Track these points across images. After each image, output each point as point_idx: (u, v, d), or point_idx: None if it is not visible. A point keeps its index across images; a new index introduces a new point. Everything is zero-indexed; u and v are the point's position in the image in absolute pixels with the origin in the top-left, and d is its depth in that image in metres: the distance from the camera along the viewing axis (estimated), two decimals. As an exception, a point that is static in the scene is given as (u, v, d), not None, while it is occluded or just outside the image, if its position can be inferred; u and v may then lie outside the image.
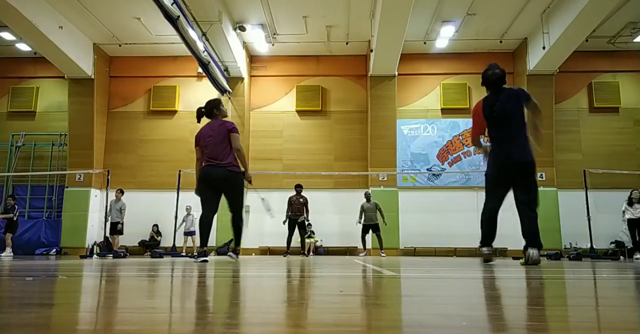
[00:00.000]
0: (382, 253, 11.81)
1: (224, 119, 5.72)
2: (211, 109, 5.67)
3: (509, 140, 4.52)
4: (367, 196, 12.09)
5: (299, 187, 11.50)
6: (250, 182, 5.64)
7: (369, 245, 12.18)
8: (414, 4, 10.12)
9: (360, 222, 11.98)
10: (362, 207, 12.01)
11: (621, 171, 11.61)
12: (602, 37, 13.09)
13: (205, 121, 5.78)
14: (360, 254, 11.76)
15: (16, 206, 12.23)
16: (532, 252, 4.47)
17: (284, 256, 10.55)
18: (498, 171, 4.58)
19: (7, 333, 0.93)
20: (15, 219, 11.97)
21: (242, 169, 5.53)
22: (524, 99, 4.64)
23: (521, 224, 4.49)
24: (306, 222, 11.41)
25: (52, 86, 14.67)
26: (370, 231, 11.99)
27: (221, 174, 5.40)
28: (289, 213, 11.33)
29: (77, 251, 12.66)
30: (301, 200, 11.38)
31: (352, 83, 14.48)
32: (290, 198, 11.46)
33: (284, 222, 11.33)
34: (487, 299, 1.67)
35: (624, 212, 10.84)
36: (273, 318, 1.17)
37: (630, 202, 10.57)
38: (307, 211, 11.40)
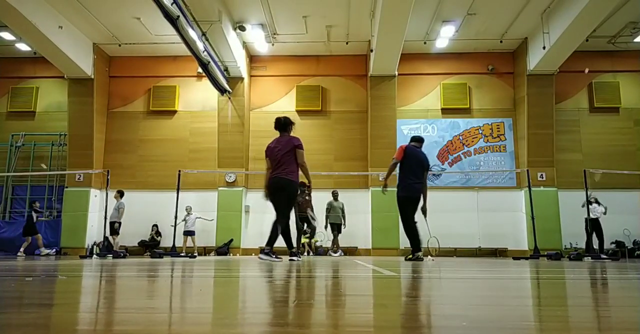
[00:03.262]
0: (333, 253, 11.63)
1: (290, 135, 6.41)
2: (287, 125, 6.38)
3: (418, 181, 6.66)
4: (335, 195, 12.05)
5: (302, 186, 11.41)
6: (309, 194, 6.13)
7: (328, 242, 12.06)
8: (414, 4, 10.11)
9: (326, 225, 11.86)
10: (329, 205, 11.94)
11: (621, 171, 11.60)
12: (602, 37, 13.08)
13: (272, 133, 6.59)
14: (335, 254, 11.63)
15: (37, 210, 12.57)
16: (420, 254, 6.47)
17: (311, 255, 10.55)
18: (408, 198, 6.66)
19: (7, 333, 0.93)
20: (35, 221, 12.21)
21: (301, 180, 6.18)
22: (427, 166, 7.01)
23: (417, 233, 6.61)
24: (312, 218, 11.34)
25: (52, 86, 14.67)
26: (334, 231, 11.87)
27: (279, 181, 5.97)
28: (297, 213, 11.22)
29: (76, 251, 12.66)
30: (307, 198, 11.34)
31: (352, 83, 14.47)
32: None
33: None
34: (487, 299, 1.67)
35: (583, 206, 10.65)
36: (272, 318, 1.17)
37: (589, 203, 10.48)
38: (312, 207, 11.38)
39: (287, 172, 5.97)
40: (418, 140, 6.97)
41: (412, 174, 6.56)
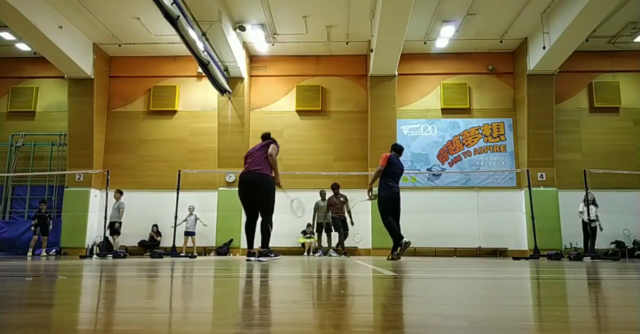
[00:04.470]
0: (314, 253, 11.38)
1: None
2: (269, 136, 6.44)
3: (396, 184, 7.62)
4: (322, 195, 11.65)
5: (336, 188, 11.34)
6: (279, 185, 5.99)
7: (324, 243, 11.70)
8: (414, 3, 10.11)
9: (316, 221, 11.46)
10: (316, 205, 11.53)
11: (621, 171, 11.60)
12: (602, 37, 13.08)
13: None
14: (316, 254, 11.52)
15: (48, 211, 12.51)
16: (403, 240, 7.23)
17: (344, 256, 10.59)
18: (387, 197, 7.48)
19: (7, 333, 0.93)
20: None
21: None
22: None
23: (398, 228, 7.42)
24: (349, 221, 11.32)
25: (52, 86, 14.66)
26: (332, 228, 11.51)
27: (250, 178, 5.85)
28: (332, 214, 11.19)
29: (77, 251, 12.66)
30: (341, 199, 11.28)
31: (352, 83, 14.47)
32: (330, 199, 11.31)
33: (326, 224, 11.22)
34: (487, 299, 1.67)
35: (581, 212, 10.83)
36: (271, 319, 1.17)
37: (587, 204, 10.47)
38: (349, 211, 11.31)
39: (260, 168, 5.86)
40: (399, 150, 7.89)
41: (392, 179, 7.59)
